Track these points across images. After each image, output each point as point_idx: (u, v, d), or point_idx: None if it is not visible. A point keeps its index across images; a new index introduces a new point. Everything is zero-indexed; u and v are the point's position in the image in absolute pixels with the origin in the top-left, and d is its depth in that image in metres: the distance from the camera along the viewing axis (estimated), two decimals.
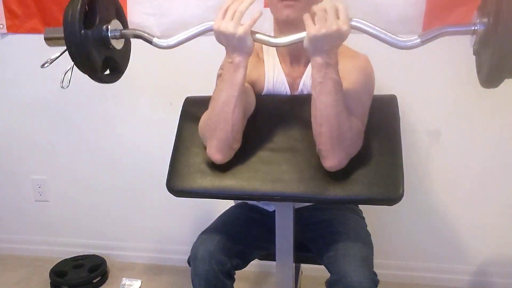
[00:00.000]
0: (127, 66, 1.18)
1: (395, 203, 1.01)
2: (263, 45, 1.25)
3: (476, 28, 0.89)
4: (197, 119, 1.12)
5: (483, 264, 1.82)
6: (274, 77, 1.21)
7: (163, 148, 1.25)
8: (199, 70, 1.75)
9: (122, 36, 1.08)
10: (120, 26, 1.09)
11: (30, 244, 2.22)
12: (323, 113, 0.98)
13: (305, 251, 1.26)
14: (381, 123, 1.11)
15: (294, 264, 1.20)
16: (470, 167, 1.72)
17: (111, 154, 2.01)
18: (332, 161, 1.01)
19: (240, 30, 0.95)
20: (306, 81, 1.18)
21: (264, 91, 1.22)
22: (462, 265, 1.83)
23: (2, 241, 2.24)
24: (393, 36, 0.93)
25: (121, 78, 1.15)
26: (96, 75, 1.05)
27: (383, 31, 0.93)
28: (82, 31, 0.96)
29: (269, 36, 1.01)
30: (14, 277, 2.04)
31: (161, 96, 1.87)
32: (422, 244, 1.85)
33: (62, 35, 0.97)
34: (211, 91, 1.10)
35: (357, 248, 1.09)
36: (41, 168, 2.10)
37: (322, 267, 1.15)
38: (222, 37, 0.97)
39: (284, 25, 1.14)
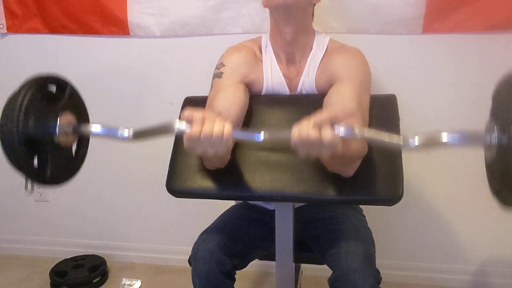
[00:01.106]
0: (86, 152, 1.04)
1: (395, 203, 1.01)
2: (261, 44, 1.25)
3: (494, 142, 0.77)
4: None
5: (483, 264, 1.81)
6: (273, 78, 1.20)
7: (163, 148, 1.24)
8: (199, 70, 1.75)
9: (77, 135, 0.96)
10: (72, 120, 0.94)
11: (30, 244, 2.22)
12: (327, 164, 1.00)
13: (305, 251, 1.26)
14: (380, 122, 1.11)
15: (294, 264, 1.20)
16: (470, 167, 1.72)
17: (110, 154, 2.00)
18: (347, 174, 1.03)
19: (221, 150, 0.86)
20: (305, 81, 1.18)
21: (263, 92, 1.22)
22: (462, 265, 1.82)
23: (2, 241, 2.24)
24: (391, 141, 0.82)
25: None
26: (66, 182, 1.00)
27: (377, 134, 0.82)
28: (31, 160, 0.83)
29: (251, 132, 0.89)
30: (14, 277, 2.03)
31: (161, 96, 1.87)
32: (422, 244, 1.84)
33: None
34: None
35: (359, 246, 1.09)
36: None
37: (322, 267, 1.15)
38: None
39: (279, 16, 1.12)
